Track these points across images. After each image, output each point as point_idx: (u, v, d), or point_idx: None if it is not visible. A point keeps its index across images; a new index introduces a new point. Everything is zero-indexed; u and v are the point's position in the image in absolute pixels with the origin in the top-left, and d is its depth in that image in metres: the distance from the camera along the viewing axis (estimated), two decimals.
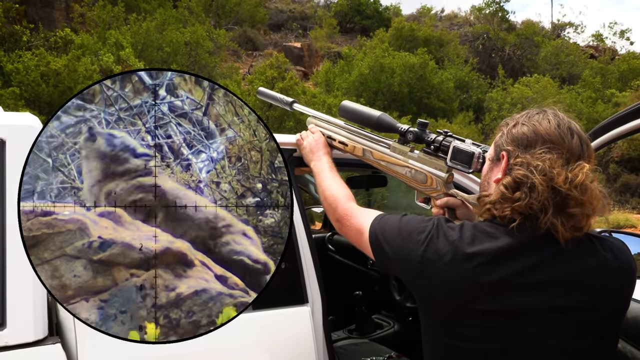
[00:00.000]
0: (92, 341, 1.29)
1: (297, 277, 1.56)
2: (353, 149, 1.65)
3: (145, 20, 12.72)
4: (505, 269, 1.02)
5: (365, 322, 2.76)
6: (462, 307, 1.04)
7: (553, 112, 1.12)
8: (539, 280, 1.02)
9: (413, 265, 1.09)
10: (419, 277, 1.09)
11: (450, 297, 1.05)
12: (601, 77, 17.80)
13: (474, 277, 1.02)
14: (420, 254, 1.08)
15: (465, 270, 1.03)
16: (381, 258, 1.20)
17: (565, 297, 1.03)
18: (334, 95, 13.13)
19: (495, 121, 14.63)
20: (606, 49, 23.07)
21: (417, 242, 1.10)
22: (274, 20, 21.18)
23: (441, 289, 1.06)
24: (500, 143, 1.14)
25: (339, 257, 3.29)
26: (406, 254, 1.12)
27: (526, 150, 1.08)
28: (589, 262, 1.05)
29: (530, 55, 18.84)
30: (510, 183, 1.05)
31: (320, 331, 1.55)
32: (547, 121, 1.09)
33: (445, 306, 1.06)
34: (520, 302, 1.02)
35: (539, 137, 1.08)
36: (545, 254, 1.03)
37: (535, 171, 1.02)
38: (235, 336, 1.44)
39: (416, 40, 17.20)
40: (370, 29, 19.95)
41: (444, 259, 1.05)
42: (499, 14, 20.99)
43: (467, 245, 1.04)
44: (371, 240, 1.21)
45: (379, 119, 1.61)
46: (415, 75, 13.84)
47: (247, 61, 17.51)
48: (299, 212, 1.64)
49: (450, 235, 1.07)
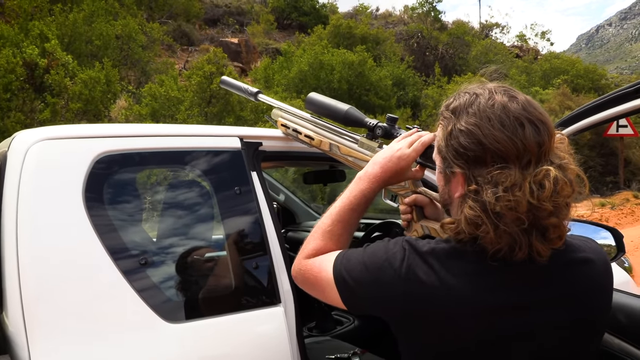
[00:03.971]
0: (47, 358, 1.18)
1: (269, 277, 1.50)
2: (320, 143, 1.59)
3: (72, 12, 11.97)
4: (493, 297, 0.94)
5: (325, 319, 2.73)
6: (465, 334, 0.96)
7: (491, 95, 0.97)
8: (539, 299, 0.96)
9: (395, 305, 0.97)
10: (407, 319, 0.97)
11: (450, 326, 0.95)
12: (526, 76, 18.81)
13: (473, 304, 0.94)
14: (402, 290, 0.96)
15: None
16: (354, 304, 1.06)
17: (568, 313, 0.97)
18: (274, 92, 12.99)
19: (431, 117, 15.08)
20: (530, 49, 24.42)
21: (392, 276, 0.97)
22: (210, 15, 20.65)
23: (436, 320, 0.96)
24: (445, 154, 0.99)
25: (295, 255, 3.23)
26: (383, 294, 0.98)
27: (477, 167, 0.94)
28: (575, 273, 0.99)
29: (461, 54, 19.57)
30: (472, 217, 0.91)
31: (294, 331, 1.49)
32: (488, 120, 0.93)
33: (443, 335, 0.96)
34: (520, 324, 0.95)
35: (486, 150, 0.92)
36: (530, 276, 0.95)
37: (495, 202, 0.88)
38: (208, 343, 1.36)
39: (353, 38, 17.37)
40: (307, 26, 19.93)
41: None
42: (431, 14, 21.64)
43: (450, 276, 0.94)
44: (338, 285, 1.04)
45: (347, 112, 1.58)
46: (354, 73, 13.96)
47: (182, 56, 16.95)
48: (267, 210, 1.57)
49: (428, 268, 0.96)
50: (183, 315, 1.37)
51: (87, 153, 1.35)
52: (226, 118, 10.37)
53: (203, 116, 10.03)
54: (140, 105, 10.14)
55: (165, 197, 1.60)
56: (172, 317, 1.34)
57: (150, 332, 1.31)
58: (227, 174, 1.57)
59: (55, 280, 1.25)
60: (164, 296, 1.37)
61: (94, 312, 1.27)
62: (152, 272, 1.37)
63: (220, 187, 1.56)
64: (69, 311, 1.24)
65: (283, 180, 4.23)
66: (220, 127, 1.71)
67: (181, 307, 1.39)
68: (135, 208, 1.44)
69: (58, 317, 1.23)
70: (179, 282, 1.43)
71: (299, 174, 3.63)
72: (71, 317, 1.24)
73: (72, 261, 1.27)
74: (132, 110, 9.79)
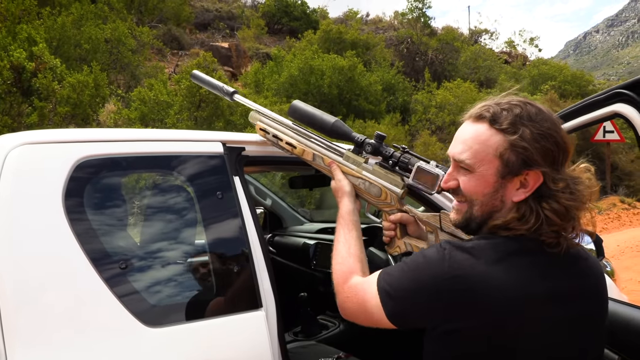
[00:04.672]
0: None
1: (250, 281, 1.50)
2: (302, 152, 1.55)
3: (60, 15, 11.90)
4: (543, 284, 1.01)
5: (311, 323, 2.74)
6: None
7: (530, 105, 1.07)
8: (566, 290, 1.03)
9: (440, 303, 1.00)
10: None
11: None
12: (515, 81, 18.99)
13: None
14: (447, 287, 0.99)
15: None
16: (399, 316, 1.07)
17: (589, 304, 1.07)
18: (264, 96, 12.99)
19: (420, 122, 15.15)
20: (518, 55, 24.67)
21: (435, 274, 1.01)
22: (200, 19, 20.63)
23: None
24: (525, 155, 1.03)
25: (281, 259, 3.23)
26: (427, 295, 1.01)
27: (554, 167, 1.04)
28: (581, 264, 1.08)
29: (451, 60, 19.70)
30: (561, 210, 1.01)
31: (275, 336, 1.50)
32: (554, 124, 1.04)
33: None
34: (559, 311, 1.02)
35: (560, 149, 1.04)
36: (565, 266, 1.05)
37: (570, 197, 1.01)
38: (189, 347, 1.35)
39: (344, 43, 17.44)
40: (298, 31, 19.97)
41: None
42: (421, 20, 21.79)
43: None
44: (382, 300, 1.08)
45: (334, 125, 1.54)
46: (344, 78, 14.00)
47: (172, 60, 16.91)
48: (250, 214, 1.58)
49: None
50: (164, 320, 1.37)
51: (67, 158, 1.35)
52: (216, 122, 10.35)
53: (192, 120, 10.01)
54: (130, 110, 10.09)
55: (146, 202, 1.59)
56: (152, 322, 1.34)
57: (130, 337, 1.31)
58: (209, 179, 1.57)
59: (34, 286, 1.24)
60: (145, 301, 1.36)
61: (74, 319, 1.26)
62: (132, 276, 1.37)
63: (203, 192, 1.56)
64: (48, 318, 1.23)
65: (270, 185, 4.24)
66: (203, 131, 1.71)
67: (162, 312, 1.39)
68: (116, 213, 1.44)
69: (37, 325, 1.22)
70: (160, 287, 1.43)
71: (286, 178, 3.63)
72: (50, 325, 1.23)
73: (51, 267, 1.26)
74: (121, 114, 9.75)
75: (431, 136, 13.99)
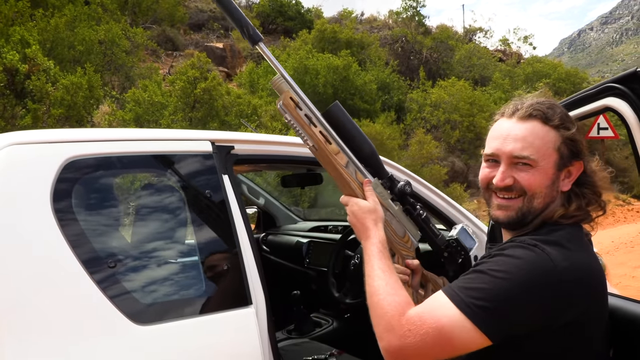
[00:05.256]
0: None
1: (240, 278, 1.51)
2: (337, 152, 1.28)
3: (53, 17, 11.86)
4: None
5: (304, 321, 2.75)
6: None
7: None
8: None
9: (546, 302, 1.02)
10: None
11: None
12: (510, 79, 19.07)
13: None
14: (557, 279, 1.02)
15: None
16: (498, 327, 1.01)
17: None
18: (259, 96, 13.00)
19: (415, 121, 15.19)
20: (512, 53, 24.74)
21: (543, 273, 1.02)
22: (194, 19, 20.61)
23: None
24: (575, 148, 1.17)
25: (275, 258, 3.25)
26: (537, 295, 1.01)
27: (587, 158, 1.21)
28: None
29: (445, 58, 19.76)
30: (598, 194, 1.20)
31: (265, 332, 1.50)
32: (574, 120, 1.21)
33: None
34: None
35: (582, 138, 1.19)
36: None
37: (604, 181, 1.21)
38: (178, 345, 1.36)
39: (338, 42, 17.46)
40: (293, 31, 19.99)
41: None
42: (415, 18, 21.83)
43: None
44: (476, 317, 0.99)
45: (374, 152, 1.34)
46: (339, 77, 14.03)
47: (167, 61, 16.88)
48: (239, 212, 1.58)
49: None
50: (153, 318, 1.37)
51: (56, 158, 1.35)
52: (210, 123, 10.35)
53: (187, 121, 10.00)
54: (124, 111, 10.08)
55: (136, 201, 1.60)
56: (142, 320, 1.34)
57: (120, 335, 1.31)
58: (198, 178, 1.58)
59: (23, 287, 1.24)
60: (134, 299, 1.37)
61: (63, 318, 1.26)
62: (122, 275, 1.37)
63: (192, 191, 1.57)
64: (38, 319, 1.23)
65: (264, 184, 4.24)
66: (192, 131, 1.72)
67: (151, 310, 1.39)
68: (105, 212, 1.44)
69: (27, 326, 1.22)
70: (150, 285, 1.43)
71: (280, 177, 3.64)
72: (40, 325, 1.23)
73: (40, 267, 1.27)
74: (116, 115, 9.73)
75: (426, 135, 14.02)
